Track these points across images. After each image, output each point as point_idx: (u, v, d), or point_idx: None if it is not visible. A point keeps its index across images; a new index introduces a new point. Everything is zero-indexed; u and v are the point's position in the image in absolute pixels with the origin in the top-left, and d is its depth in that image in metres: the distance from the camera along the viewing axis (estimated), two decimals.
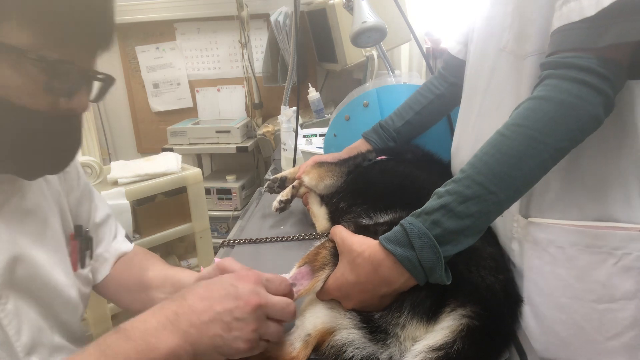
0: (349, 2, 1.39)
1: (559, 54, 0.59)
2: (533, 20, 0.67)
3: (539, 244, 0.70)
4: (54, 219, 0.71)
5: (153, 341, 0.52)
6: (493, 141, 0.60)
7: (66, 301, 0.70)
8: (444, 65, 1.09)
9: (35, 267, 0.65)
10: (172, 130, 2.59)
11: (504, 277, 0.70)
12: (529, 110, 0.59)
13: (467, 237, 0.59)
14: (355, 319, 0.64)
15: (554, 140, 0.57)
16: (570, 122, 0.57)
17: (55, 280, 0.68)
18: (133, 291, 0.84)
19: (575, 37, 0.58)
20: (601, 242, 0.65)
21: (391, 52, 2.22)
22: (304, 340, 0.65)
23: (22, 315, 0.62)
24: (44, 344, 0.65)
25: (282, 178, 1.17)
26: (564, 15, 0.59)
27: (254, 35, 2.70)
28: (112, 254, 0.86)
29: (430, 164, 1.05)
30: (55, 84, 0.56)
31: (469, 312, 0.60)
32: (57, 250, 0.71)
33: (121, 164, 1.85)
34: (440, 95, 1.08)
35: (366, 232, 0.69)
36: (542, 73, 0.61)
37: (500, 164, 0.58)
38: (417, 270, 0.59)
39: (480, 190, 0.58)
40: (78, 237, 0.77)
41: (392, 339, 0.61)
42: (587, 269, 0.66)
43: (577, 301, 0.67)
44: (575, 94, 0.56)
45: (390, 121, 1.13)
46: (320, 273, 0.68)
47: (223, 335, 0.54)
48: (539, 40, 0.67)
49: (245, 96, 2.75)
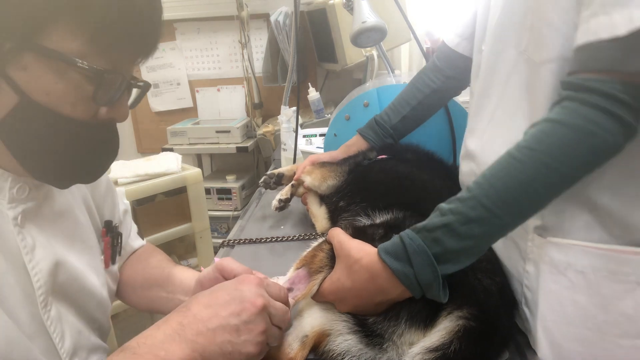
0: (349, 2, 1.38)
1: (581, 75, 0.54)
2: (553, 23, 0.61)
3: (557, 267, 0.63)
4: (83, 218, 0.71)
5: (162, 354, 0.50)
6: (503, 163, 0.57)
7: (99, 301, 0.70)
8: (439, 56, 1.04)
9: (73, 270, 0.65)
10: (172, 130, 2.59)
11: (500, 280, 0.70)
12: (544, 134, 0.55)
13: (467, 257, 0.59)
14: (351, 322, 0.65)
15: (568, 168, 0.54)
16: (586, 151, 0.53)
17: (90, 282, 0.68)
18: (137, 288, 0.84)
19: (601, 57, 0.53)
20: (628, 268, 0.58)
21: (391, 52, 2.22)
22: (302, 341, 0.65)
23: (64, 320, 0.62)
24: (83, 346, 0.65)
25: (279, 174, 1.17)
26: (591, 30, 0.53)
27: (254, 35, 2.70)
28: (127, 250, 0.86)
29: (431, 164, 1.05)
30: (101, 93, 0.55)
31: (466, 313, 0.60)
32: (88, 250, 0.71)
33: (121, 164, 1.85)
34: (437, 89, 1.04)
35: (363, 236, 0.69)
36: (562, 93, 0.56)
37: (508, 188, 0.56)
38: (413, 286, 0.59)
39: (485, 214, 0.56)
40: (110, 233, 0.77)
41: (389, 343, 0.62)
42: (611, 298, 0.59)
43: (598, 334, 0.60)
44: (595, 122, 0.52)
45: (386, 117, 1.09)
46: (316, 276, 0.68)
47: (232, 340, 0.53)
48: (557, 47, 0.61)
49: (245, 96, 2.75)
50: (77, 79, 0.53)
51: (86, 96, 0.55)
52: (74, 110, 0.55)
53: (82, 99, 0.54)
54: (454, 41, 0.98)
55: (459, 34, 0.97)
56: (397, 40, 1.93)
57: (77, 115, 0.55)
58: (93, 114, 0.57)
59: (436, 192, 0.87)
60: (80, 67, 0.51)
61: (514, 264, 0.71)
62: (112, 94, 0.56)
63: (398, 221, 0.76)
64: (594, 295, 0.60)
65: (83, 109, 0.55)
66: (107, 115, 0.58)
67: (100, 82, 0.54)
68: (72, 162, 0.60)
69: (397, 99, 1.10)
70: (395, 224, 0.75)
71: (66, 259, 0.64)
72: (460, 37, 0.97)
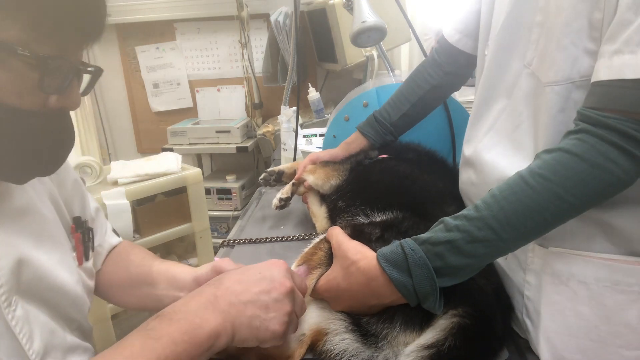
0: (349, 2, 1.39)
1: (601, 111, 0.54)
2: (563, 45, 0.60)
3: (559, 277, 0.63)
4: (50, 215, 0.69)
5: (197, 321, 0.53)
6: (514, 187, 0.57)
7: (73, 299, 0.69)
8: (438, 50, 1.02)
9: (40, 268, 0.63)
10: (172, 130, 2.59)
11: (495, 280, 0.70)
12: (560, 165, 0.55)
13: (466, 273, 0.59)
14: (347, 321, 0.65)
15: (579, 200, 0.54)
16: (599, 186, 0.54)
17: (61, 279, 0.66)
18: (125, 286, 0.83)
19: (625, 98, 0.52)
20: (632, 279, 0.58)
21: (391, 52, 2.22)
22: (299, 339, 0.66)
23: (32, 320, 0.60)
24: (56, 346, 0.63)
25: (280, 172, 1.17)
26: (614, 67, 0.53)
27: (254, 35, 2.70)
28: (105, 248, 0.85)
29: (432, 164, 1.04)
30: (47, 81, 0.52)
31: (461, 312, 0.61)
32: (57, 247, 0.69)
33: (121, 164, 1.85)
34: (436, 85, 1.02)
35: (360, 235, 0.69)
36: (579, 124, 0.56)
37: (518, 214, 0.56)
38: (410, 296, 0.59)
39: (491, 235, 0.56)
40: (79, 229, 0.75)
41: (384, 342, 0.62)
42: (614, 309, 0.59)
43: (601, 345, 0.60)
44: (612, 160, 0.53)
45: (385, 114, 1.07)
46: (314, 272, 0.69)
47: (261, 315, 0.56)
48: (566, 69, 0.60)
49: (245, 96, 2.75)
50: (20, 68, 0.50)
51: (32, 85, 0.52)
52: (22, 101, 0.52)
53: (28, 88, 0.52)
54: (454, 37, 0.96)
55: (460, 30, 0.94)
56: (397, 40, 1.93)
57: (26, 105, 0.52)
58: (42, 104, 0.55)
59: (437, 194, 0.87)
60: (21, 55, 0.49)
61: (514, 274, 0.71)
62: (59, 82, 0.54)
63: (397, 221, 0.76)
64: (596, 306, 0.60)
65: (31, 98, 0.53)
66: (57, 103, 0.56)
67: (45, 69, 0.51)
68: (25, 155, 0.57)
69: (396, 94, 1.08)
70: (394, 223, 0.75)
71: (31, 257, 0.61)
72: (461, 34, 0.94)
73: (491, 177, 0.72)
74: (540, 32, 0.65)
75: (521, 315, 0.69)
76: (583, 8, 0.58)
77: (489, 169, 0.74)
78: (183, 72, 2.84)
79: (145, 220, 1.83)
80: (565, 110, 0.61)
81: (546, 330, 0.64)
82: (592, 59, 0.58)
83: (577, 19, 0.59)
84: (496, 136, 0.75)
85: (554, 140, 0.62)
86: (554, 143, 0.60)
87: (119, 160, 1.88)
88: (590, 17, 0.57)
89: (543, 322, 0.64)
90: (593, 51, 0.58)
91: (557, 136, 0.61)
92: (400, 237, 0.62)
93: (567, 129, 0.58)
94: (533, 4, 0.65)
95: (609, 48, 0.54)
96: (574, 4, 0.58)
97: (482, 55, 0.82)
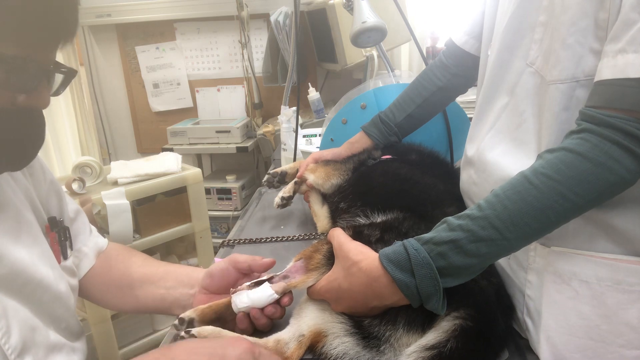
0: (349, 2, 1.39)
1: (605, 110, 0.54)
2: (568, 44, 0.60)
3: (561, 277, 0.63)
4: (27, 213, 0.70)
5: None
6: (518, 186, 0.57)
7: (56, 295, 0.68)
8: (446, 53, 1.03)
9: (16, 263, 0.62)
10: (172, 130, 2.59)
11: (496, 281, 0.70)
12: (564, 164, 0.55)
13: (469, 273, 0.59)
14: (347, 324, 0.65)
15: (583, 199, 0.54)
16: (603, 185, 0.54)
17: (41, 275, 0.66)
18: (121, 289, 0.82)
19: (628, 97, 0.52)
20: (633, 279, 0.58)
21: (391, 52, 2.22)
22: (298, 340, 0.66)
23: (11, 315, 0.60)
24: (38, 343, 0.63)
25: (282, 173, 1.17)
26: (618, 67, 0.53)
27: (254, 35, 2.70)
28: (92, 249, 0.85)
29: (434, 166, 1.03)
30: (13, 80, 0.52)
31: (463, 314, 0.61)
32: (37, 244, 0.69)
33: (121, 164, 1.85)
34: (442, 87, 1.03)
35: (360, 236, 0.69)
36: (582, 123, 0.56)
37: (521, 213, 0.56)
38: (413, 296, 0.59)
39: (495, 235, 0.56)
40: (54, 228, 0.75)
41: (386, 345, 0.62)
42: (616, 308, 0.59)
43: (602, 345, 0.60)
44: (615, 159, 0.53)
45: (390, 114, 1.07)
46: (311, 273, 0.69)
47: None
48: (571, 68, 0.60)
49: (245, 96, 2.75)
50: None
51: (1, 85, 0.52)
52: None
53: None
54: (461, 39, 0.97)
55: (467, 32, 0.95)
56: (397, 40, 1.93)
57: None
58: (10, 101, 0.55)
59: (438, 196, 0.86)
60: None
61: (515, 273, 0.71)
62: (26, 81, 0.54)
63: (397, 222, 0.76)
64: (598, 305, 0.60)
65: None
66: (26, 102, 0.56)
67: (10, 68, 0.51)
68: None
69: (402, 95, 1.08)
70: (394, 224, 0.75)
71: (7, 251, 0.61)
72: (468, 35, 0.95)
73: (493, 175, 0.73)
74: (544, 31, 0.65)
75: (522, 315, 0.69)
76: (589, 7, 0.58)
77: (490, 167, 0.74)
78: (183, 72, 2.84)
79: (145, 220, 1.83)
80: (569, 109, 0.62)
81: (547, 329, 0.64)
82: (597, 59, 0.58)
83: (583, 18, 0.59)
84: (498, 134, 0.75)
85: (557, 138, 0.62)
86: (557, 141, 0.60)
87: (119, 160, 1.88)
88: (596, 17, 0.58)
89: (544, 321, 0.64)
90: (598, 50, 0.58)
91: (560, 134, 0.61)
92: (401, 238, 0.62)
93: (570, 127, 0.58)
94: (537, 4, 0.66)
95: (612, 47, 0.54)
96: (580, 3, 0.59)
97: (485, 56, 0.82)
